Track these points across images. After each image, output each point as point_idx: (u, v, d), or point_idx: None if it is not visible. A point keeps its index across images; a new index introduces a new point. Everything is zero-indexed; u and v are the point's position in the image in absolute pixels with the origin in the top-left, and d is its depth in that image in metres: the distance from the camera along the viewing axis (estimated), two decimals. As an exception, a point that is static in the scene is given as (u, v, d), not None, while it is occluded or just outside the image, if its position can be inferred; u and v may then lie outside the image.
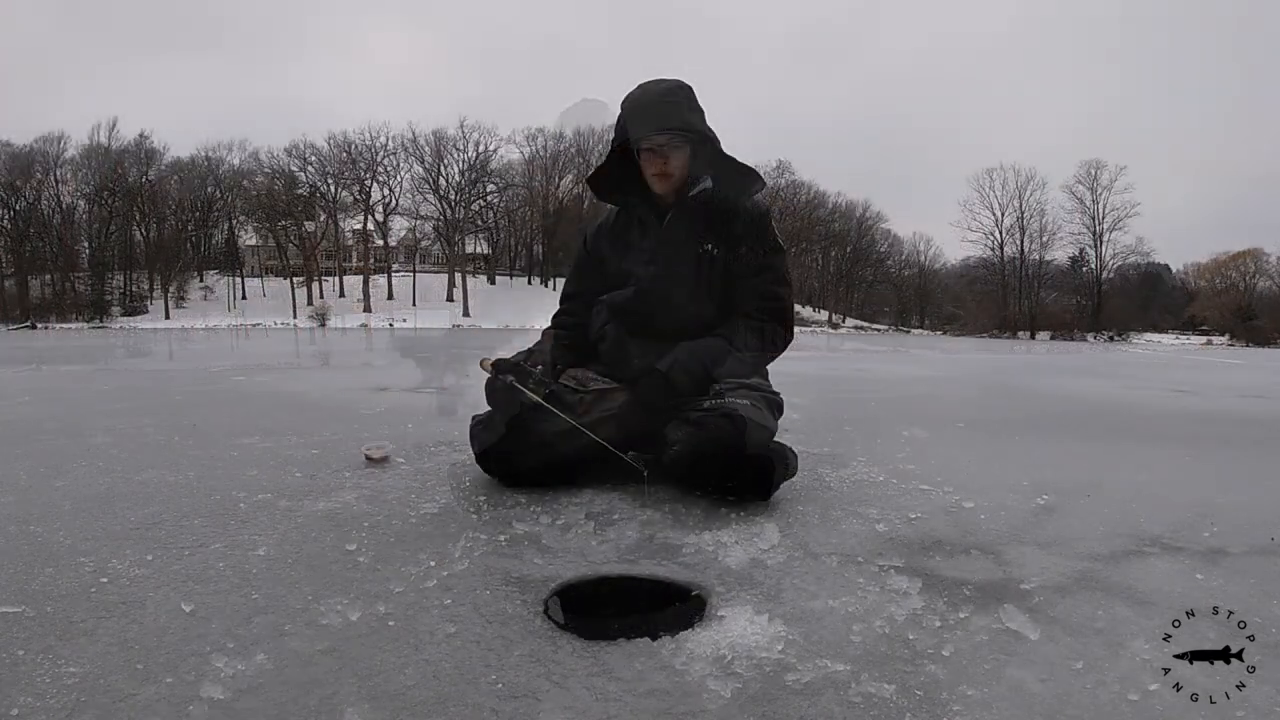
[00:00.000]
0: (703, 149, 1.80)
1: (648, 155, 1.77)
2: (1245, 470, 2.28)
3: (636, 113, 1.75)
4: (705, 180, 1.82)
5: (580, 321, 1.97)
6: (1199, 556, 1.35)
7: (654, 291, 1.84)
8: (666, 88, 1.76)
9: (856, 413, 3.49)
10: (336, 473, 1.91)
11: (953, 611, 1.07)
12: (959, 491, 1.81)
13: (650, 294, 1.84)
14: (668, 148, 1.75)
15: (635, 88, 1.79)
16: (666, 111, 1.73)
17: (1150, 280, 58.92)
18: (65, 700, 0.81)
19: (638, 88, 1.79)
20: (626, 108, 1.77)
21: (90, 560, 1.22)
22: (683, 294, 1.83)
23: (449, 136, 48.84)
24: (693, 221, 1.82)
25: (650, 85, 1.78)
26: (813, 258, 58.59)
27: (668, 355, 1.74)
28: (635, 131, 1.74)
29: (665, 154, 1.75)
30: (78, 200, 47.56)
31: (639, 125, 1.73)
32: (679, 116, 1.73)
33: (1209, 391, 5.40)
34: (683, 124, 1.73)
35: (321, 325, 36.00)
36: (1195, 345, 30.73)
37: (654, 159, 1.76)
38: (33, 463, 2.02)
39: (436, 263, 56.08)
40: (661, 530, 1.44)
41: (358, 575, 1.18)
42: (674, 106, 1.73)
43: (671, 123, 1.73)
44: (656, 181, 1.79)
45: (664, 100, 1.74)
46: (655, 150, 1.75)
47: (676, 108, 1.73)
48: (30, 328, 34.33)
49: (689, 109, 1.75)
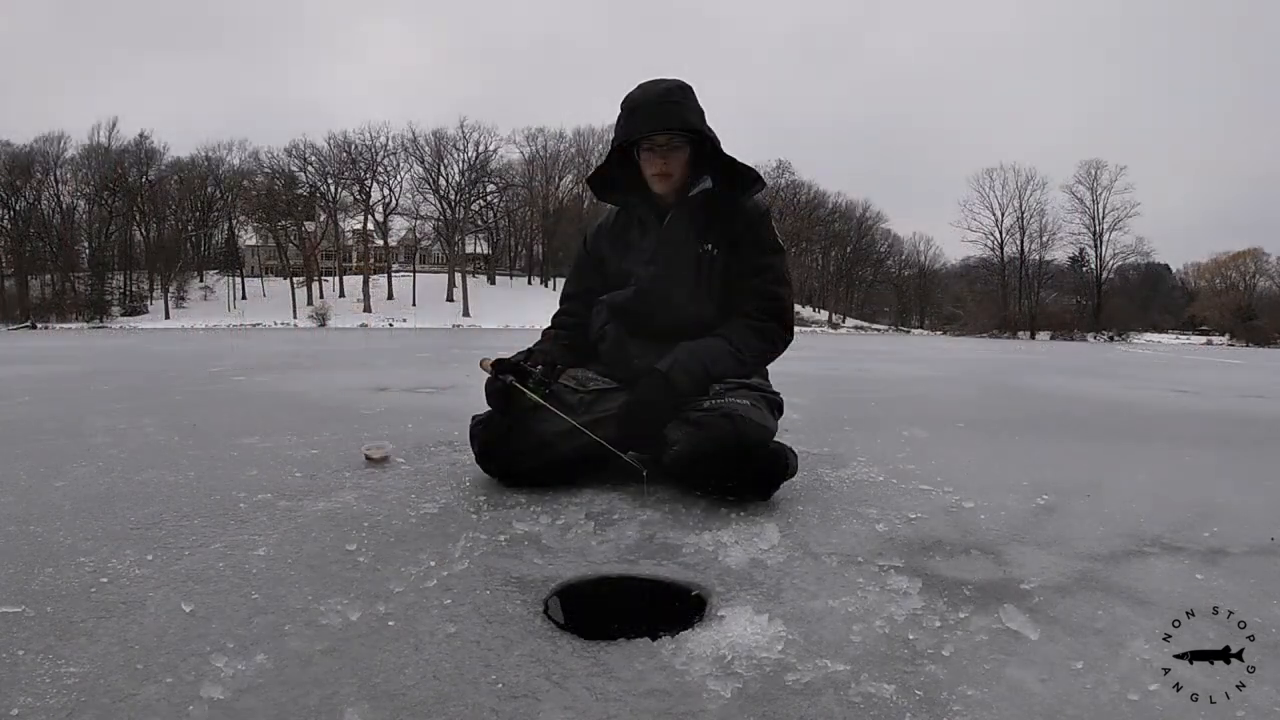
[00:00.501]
0: (703, 149, 1.80)
1: (648, 155, 1.77)
2: (1245, 470, 2.28)
3: (637, 112, 1.74)
4: (705, 180, 1.82)
5: (580, 321, 1.97)
6: (1199, 556, 1.35)
7: (654, 291, 1.84)
8: (666, 87, 1.76)
9: (856, 413, 3.49)
10: (336, 473, 1.91)
11: (953, 611, 1.07)
12: (959, 491, 1.81)
13: (650, 294, 1.84)
14: (668, 148, 1.75)
15: (635, 87, 1.79)
16: (667, 111, 1.72)
17: (1150, 280, 58.97)
18: (65, 700, 0.80)
19: (638, 87, 1.79)
20: (627, 107, 1.77)
21: (90, 560, 1.22)
22: (682, 294, 1.82)
23: (449, 136, 48.91)
24: (692, 221, 1.82)
25: (650, 85, 1.78)
26: (813, 258, 58.60)
27: (668, 355, 1.73)
28: (635, 131, 1.74)
29: (665, 154, 1.75)
30: (78, 200, 47.62)
31: (639, 124, 1.73)
32: (679, 116, 1.73)
33: (1209, 391, 5.40)
34: (683, 124, 1.73)
35: (321, 325, 36.00)
36: (1196, 345, 30.72)
37: (654, 159, 1.76)
38: (33, 463, 2.02)
39: (436, 263, 56.10)
40: (661, 530, 1.44)
41: (358, 575, 1.18)
42: (674, 106, 1.73)
43: (672, 122, 1.72)
44: (657, 181, 1.79)
45: (664, 100, 1.73)
46: (655, 150, 1.75)
47: (677, 107, 1.73)
48: (30, 328, 34.34)
49: (689, 109, 1.75)
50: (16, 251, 44.92)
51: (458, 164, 49.11)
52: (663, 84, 1.77)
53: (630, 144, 1.78)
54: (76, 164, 47.05)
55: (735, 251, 1.82)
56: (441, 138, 48.72)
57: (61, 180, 46.80)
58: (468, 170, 49.13)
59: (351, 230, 52.14)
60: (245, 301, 49.08)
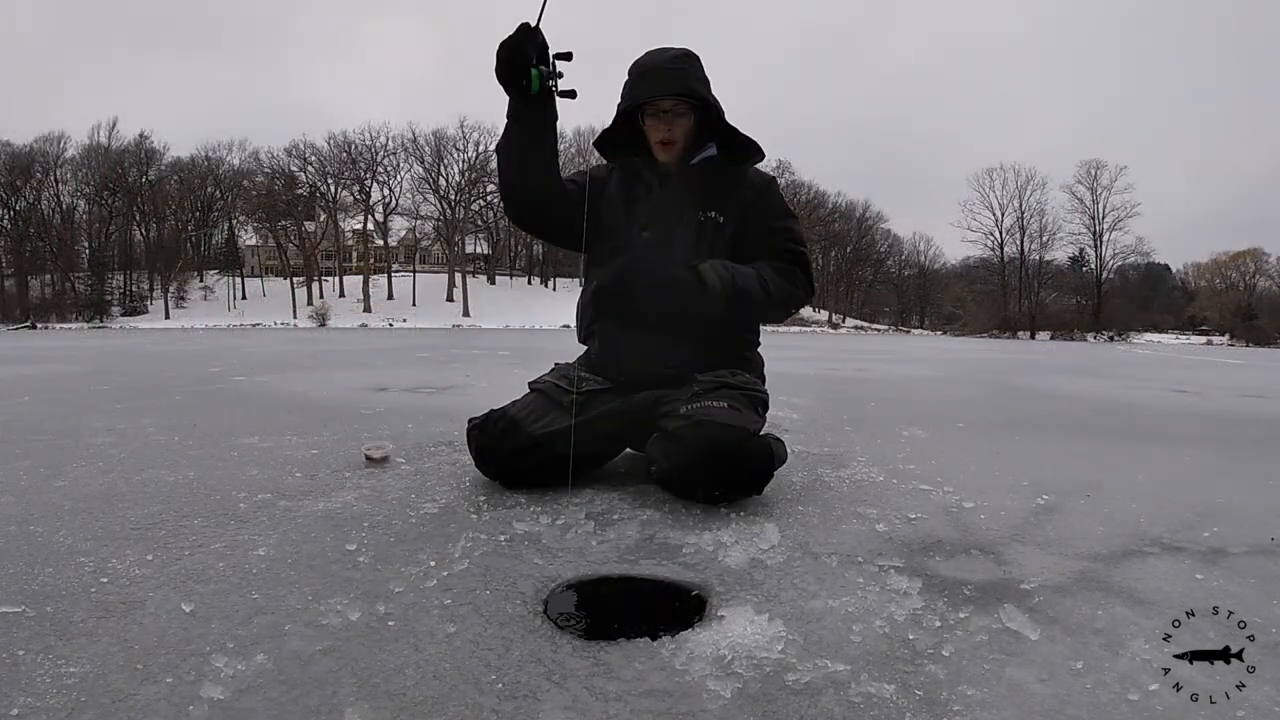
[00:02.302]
0: (708, 118, 1.79)
1: (652, 122, 1.77)
2: (1245, 470, 2.28)
3: (644, 76, 1.74)
4: (709, 148, 1.81)
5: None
6: (1199, 556, 1.35)
7: (645, 258, 1.77)
8: (674, 54, 1.76)
9: (856, 413, 3.49)
10: (336, 473, 1.91)
11: (953, 611, 1.07)
12: (959, 491, 1.81)
13: (641, 260, 1.77)
14: (673, 114, 1.75)
15: (644, 54, 1.78)
16: (673, 77, 1.72)
17: (1151, 280, 58.96)
18: (65, 700, 0.81)
19: (645, 54, 1.78)
20: (634, 72, 1.76)
21: (90, 560, 1.22)
22: (680, 258, 1.75)
23: (449, 136, 48.84)
24: (692, 188, 1.80)
25: (658, 51, 1.77)
26: (812, 258, 58.49)
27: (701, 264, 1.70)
28: (641, 95, 1.73)
29: (670, 120, 1.75)
30: (78, 200, 47.56)
31: (645, 89, 1.73)
32: (684, 82, 1.72)
33: (1209, 391, 5.40)
34: (687, 89, 1.72)
35: (321, 325, 36.00)
36: (1196, 345, 30.71)
37: (658, 125, 1.76)
38: (33, 463, 2.02)
39: (436, 263, 56.08)
40: (661, 530, 1.44)
41: (358, 575, 1.18)
42: (680, 73, 1.73)
43: (677, 87, 1.72)
44: (660, 150, 1.79)
45: (671, 66, 1.73)
46: (660, 117, 1.75)
47: (682, 74, 1.73)
48: (30, 328, 34.32)
49: (694, 76, 1.74)
50: (16, 251, 44.89)
51: (458, 164, 49.10)
52: (670, 51, 1.77)
53: (636, 109, 1.77)
54: (76, 164, 47.04)
55: (746, 220, 1.80)
56: (441, 138, 48.70)
57: (61, 180, 46.77)
58: (468, 170, 49.08)
59: (351, 230, 52.11)
60: (245, 301, 49.04)
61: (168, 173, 49.98)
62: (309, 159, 47.90)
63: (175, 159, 50.10)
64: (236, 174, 50.40)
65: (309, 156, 47.79)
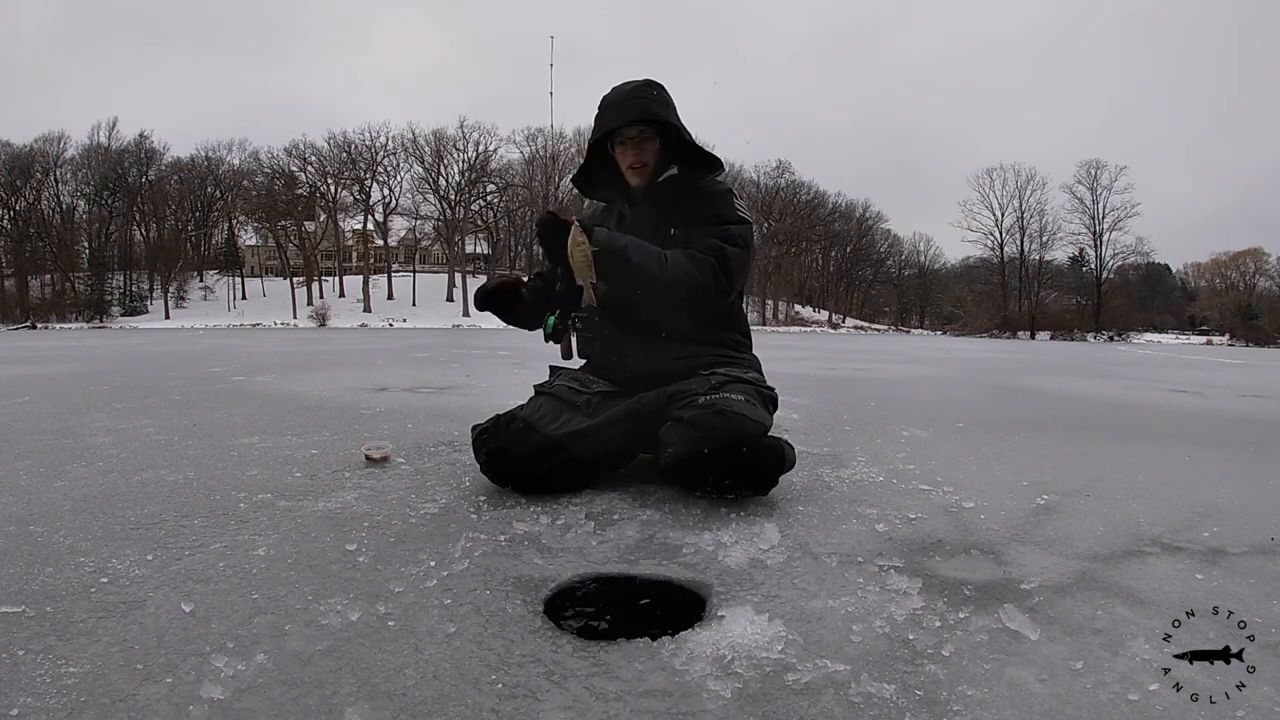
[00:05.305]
0: (673, 141, 1.86)
1: (621, 149, 1.85)
2: (1245, 470, 2.28)
3: (608, 108, 1.84)
4: (672, 168, 1.89)
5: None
6: (1199, 556, 1.35)
7: None
8: (636, 85, 1.86)
9: (856, 413, 3.48)
10: (336, 473, 1.91)
11: (953, 611, 1.07)
12: (959, 491, 1.81)
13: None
14: (639, 140, 1.83)
15: (610, 89, 1.88)
16: (635, 105, 1.81)
17: (1151, 280, 58.96)
18: (65, 700, 0.81)
19: (611, 89, 1.88)
20: (601, 106, 1.86)
21: (90, 560, 1.22)
22: None
23: (449, 136, 48.84)
24: (658, 207, 1.87)
25: (621, 85, 1.89)
26: (813, 258, 58.59)
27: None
28: (607, 124, 1.83)
29: (638, 145, 1.83)
30: (78, 200, 47.56)
31: (610, 118, 1.82)
32: (645, 108, 1.81)
33: (1209, 391, 5.40)
34: (648, 114, 1.80)
35: (321, 325, 36.00)
36: (1197, 345, 30.71)
37: (627, 151, 1.84)
38: (33, 463, 2.02)
39: (436, 263, 56.09)
40: (661, 530, 1.44)
41: (358, 575, 1.18)
42: (642, 101, 1.82)
43: (637, 114, 1.80)
44: (632, 174, 1.86)
45: (633, 95, 1.83)
46: (628, 144, 1.83)
47: (644, 101, 1.82)
48: (30, 328, 34.33)
49: (656, 101, 1.83)
50: (16, 251, 44.87)
51: (458, 164, 49.11)
52: (632, 82, 1.88)
53: (606, 141, 1.87)
54: (76, 164, 47.02)
55: (695, 226, 1.83)
56: (441, 138, 48.70)
57: (61, 180, 46.75)
58: (468, 170, 49.11)
59: (351, 230, 52.08)
60: (245, 301, 49.01)
61: (168, 173, 49.97)
62: (309, 159, 47.89)
63: (175, 159, 50.13)
64: (236, 174, 50.38)
65: (309, 156, 47.78)
